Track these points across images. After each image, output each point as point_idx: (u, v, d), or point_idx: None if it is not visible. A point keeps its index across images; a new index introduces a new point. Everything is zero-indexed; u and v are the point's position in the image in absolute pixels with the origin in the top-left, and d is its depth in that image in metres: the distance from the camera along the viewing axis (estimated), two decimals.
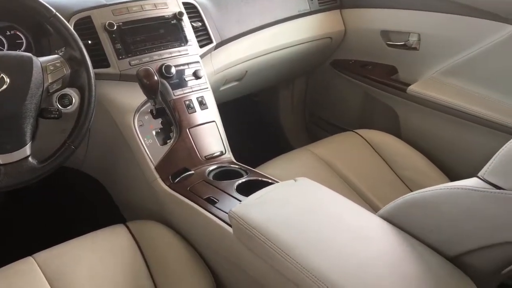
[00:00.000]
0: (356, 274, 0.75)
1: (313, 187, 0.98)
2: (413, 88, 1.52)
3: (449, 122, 1.45)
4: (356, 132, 1.54)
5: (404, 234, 0.86)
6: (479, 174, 0.78)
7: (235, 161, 1.25)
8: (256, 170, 1.19)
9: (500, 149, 0.74)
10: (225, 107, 1.45)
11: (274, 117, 2.10)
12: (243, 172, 1.16)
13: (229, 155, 1.26)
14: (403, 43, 1.58)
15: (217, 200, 1.04)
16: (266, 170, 1.27)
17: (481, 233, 0.77)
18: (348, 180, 1.36)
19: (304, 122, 2.08)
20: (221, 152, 1.25)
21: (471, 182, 0.78)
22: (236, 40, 1.48)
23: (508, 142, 0.73)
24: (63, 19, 1.02)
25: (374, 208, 1.27)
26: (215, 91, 1.38)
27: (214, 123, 1.27)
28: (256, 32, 1.53)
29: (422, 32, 1.52)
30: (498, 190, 0.73)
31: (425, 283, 0.76)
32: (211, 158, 1.22)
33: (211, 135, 1.26)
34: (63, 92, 1.13)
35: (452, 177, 1.38)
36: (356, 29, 1.71)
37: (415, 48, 1.57)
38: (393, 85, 1.60)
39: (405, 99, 1.56)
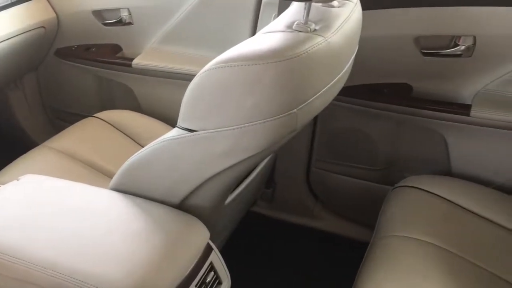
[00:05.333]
0: (82, 250, 0.77)
1: (36, 182, 0.95)
2: (137, 62, 1.57)
3: (173, 85, 1.54)
4: (95, 116, 1.53)
5: (131, 197, 0.90)
6: (177, 123, 0.85)
7: None
8: None
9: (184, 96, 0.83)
10: None
11: (12, 122, 1.93)
12: None
13: None
14: (117, 20, 1.61)
15: None
16: (3, 177, 1.18)
17: (192, 175, 0.86)
18: (93, 165, 1.35)
19: (48, 118, 1.97)
20: None
21: (172, 133, 0.85)
22: None
23: (187, 89, 0.81)
24: None
25: None
26: None
27: None
28: None
29: (131, 5, 1.57)
30: (191, 133, 0.81)
31: (153, 234, 0.81)
32: None
33: None
34: None
35: None
36: (68, 14, 1.66)
37: (130, 23, 1.61)
38: (119, 62, 1.62)
39: (133, 73, 1.61)
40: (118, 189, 0.93)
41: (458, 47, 1.23)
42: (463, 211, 1.15)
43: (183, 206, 0.90)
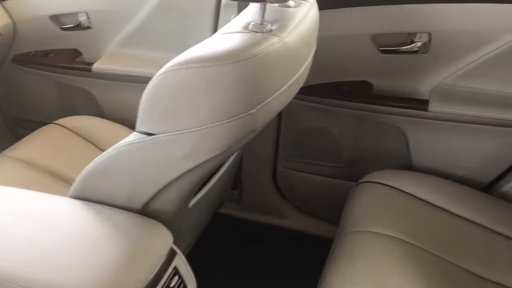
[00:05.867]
0: (41, 260, 0.75)
1: None
2: (97, 66, 1.55)
3: (135, 89, 1.52)
4: (56, 123, 1.50)
5: (92, 205, 0.89)
6: (135, 127, 0.84)
7: None
8: None
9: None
10: None
11: None
12: None
13: None
14: (75, 24, 1.58)
15: None
16: None
17: (152, 179, 0.85)
18: (55, 173, 1.32)
19: (7, 126, 1.91)
20: None
21: (131, 137, 0.84)
22: None
23: (144, 92, 0.80)
24: None
25: None
26: None
27: None
28: None
29: (89, 9, 1.55)
30: (150, 137, 0.80)
31: (114, 241, 0.80)
32: None
33: None
34: None
35: None
36: (24, 20, 1.62)
37: (88, 27, 1.58)
38: (79, 67, 1.60)
39: (93, 78, 1.58)
40: (78, 197, 0.91)
41: (414, 44, 1.26)
42: (424, 204, 1.18)
43: (145, 211, 0.89)
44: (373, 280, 0.95)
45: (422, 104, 1.27)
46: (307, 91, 1.36)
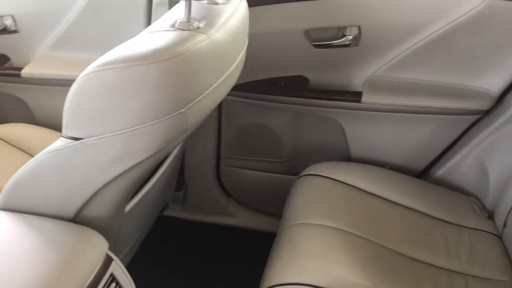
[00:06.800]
0: None
1: None
2: (26, 71, 1.49)
3: (67, 93, 1.47)
4: None
5: (21, 215, 0.85)
6: (62, 132, 0.81)
7: None
8: None
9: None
10: None
11: None
12: None
13: None
14: (1, 28, 1.51)
15: None
16: None
17: (83, 185, 0.82)
18: None
19: None
20: None
21: (57, 143, 0.81)
22: None
23: (67, 95, 0.77)
24: None
25: None
26: None
27: None
28: None
29: (15, 13, 1.48)
30: (77, 142, 0.78)
31: (45, 251, 0.77)
32: None
33: None
34: None
35: None
36: None
37: (15, 31, 1.52)
38: (7, 73, 1.53)
39: (23, 83, 1.52)
40: (6, 208, 0.87)
41: (345, 38, 1.28)
42: (362, 193, 1.21)
43: (78, 219, 0.86)
44: (314, 269, 0.97)
45: (356, 96, 1.30)
46: (245, 88, 1.36)
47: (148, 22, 1.38)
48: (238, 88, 1.34)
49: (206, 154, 1.53)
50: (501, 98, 1.25)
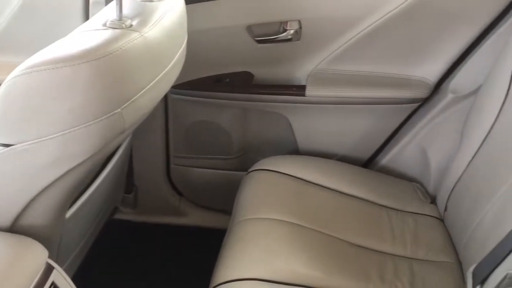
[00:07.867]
0: None
1: None
2: None
3: None
4: None
5: None
6: None
7: None
8: None
9: None
10: None
11: None
12: None
13: None
14: None
15: None
16: None
17: (17, 193, 0.79)
18: None
19: None
20: None
21: None
22: None
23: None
24: None
25: None
26: None
27: None
28: None
29: None
30: (8, 148, 0.75)
31: None
32: None
33: None
34: None
35: None
36: None
37: None
38: None
39: None
40: None
41: (287, 32, 1.29)
42: (309, 185, 1.22)
43: (15, 228, 0.83)
44: (263, 264, 0.97)
45: (300, 89, 1.31)
46: (189, 86, 1.35)
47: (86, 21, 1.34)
48: (183, 86, 1.33)
49: (155, 154, 1.51)
50: (438, 86, 1.30)
